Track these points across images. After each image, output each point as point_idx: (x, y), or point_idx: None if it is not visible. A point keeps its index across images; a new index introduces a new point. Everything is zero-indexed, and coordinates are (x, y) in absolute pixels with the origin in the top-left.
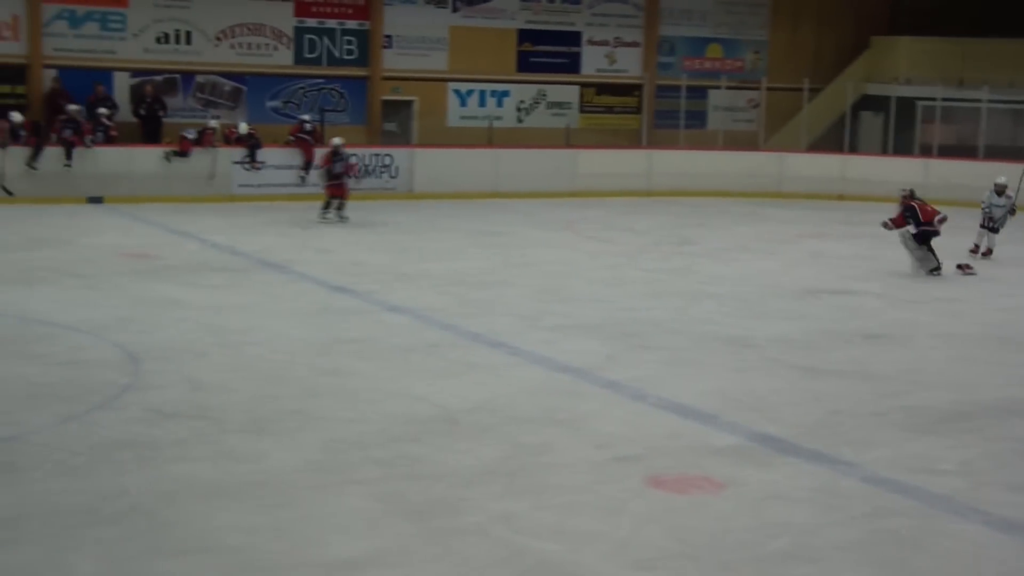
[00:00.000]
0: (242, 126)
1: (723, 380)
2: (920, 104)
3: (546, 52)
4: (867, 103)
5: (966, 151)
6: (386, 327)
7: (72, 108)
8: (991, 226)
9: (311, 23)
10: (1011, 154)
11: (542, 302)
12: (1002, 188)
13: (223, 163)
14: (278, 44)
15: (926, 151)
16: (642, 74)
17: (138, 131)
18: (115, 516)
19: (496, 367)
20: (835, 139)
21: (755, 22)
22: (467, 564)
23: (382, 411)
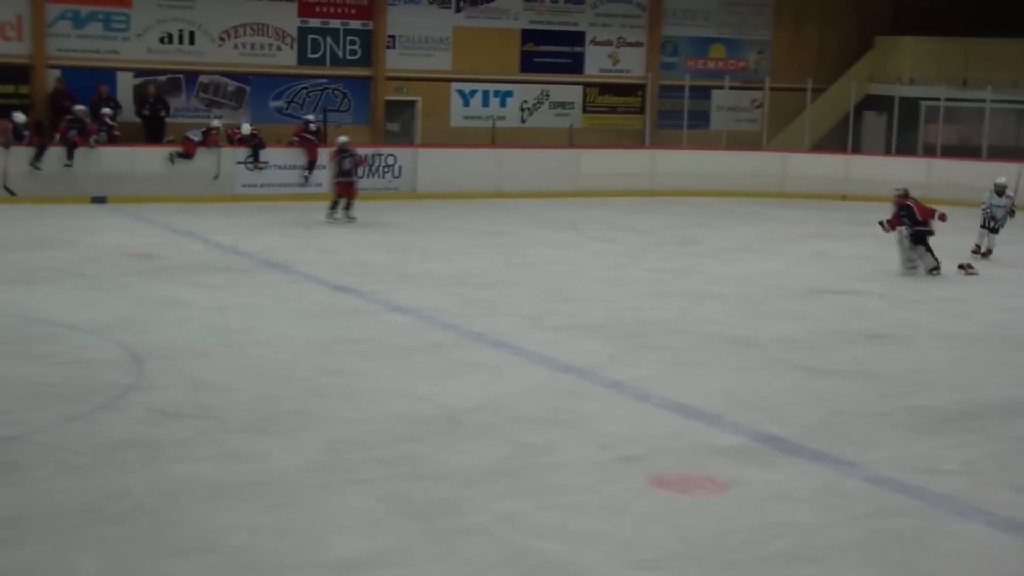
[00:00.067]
0: (245, 126)
1: (726, 380)
2: (924, 104)
3: (549, 52)
4: (870, 103)
5: (970, 151)
6: (389, 327)
7: (79, 108)
8: (992, 226)
9: (314, 23)
10: (1015, 154)
11: (545, 302)
12: (1002, 188)
13: (227, 163)
14: (281, 44)
15: (929, 151)
16: (645, 74)
17: (141, 131)
18: (118, 516)
19: (499, 367)
20: (838, 139)
21: (758, 22)
22: (470, 564)
23: (385, 411)
